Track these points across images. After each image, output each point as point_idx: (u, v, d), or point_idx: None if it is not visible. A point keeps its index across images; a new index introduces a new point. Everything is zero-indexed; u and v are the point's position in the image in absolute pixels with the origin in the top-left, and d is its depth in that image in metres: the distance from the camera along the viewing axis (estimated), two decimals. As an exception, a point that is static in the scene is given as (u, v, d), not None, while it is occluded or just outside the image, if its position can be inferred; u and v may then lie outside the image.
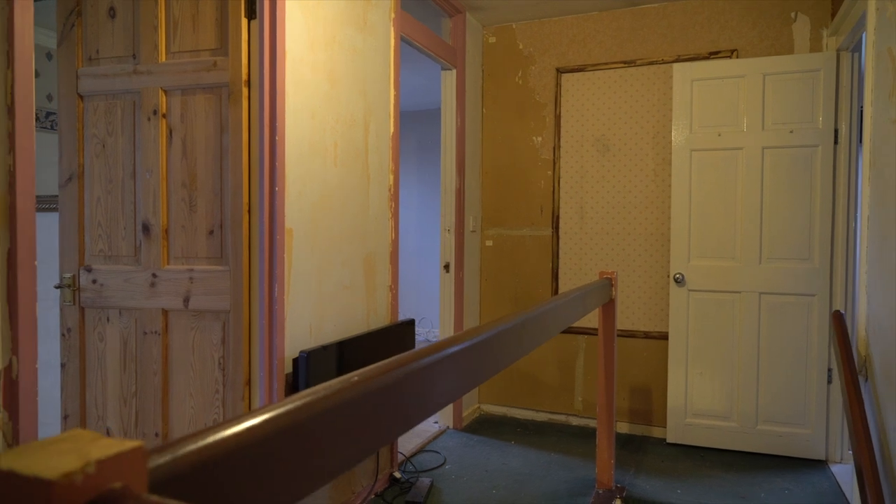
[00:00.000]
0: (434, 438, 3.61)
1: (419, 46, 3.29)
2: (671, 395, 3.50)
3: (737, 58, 3.46)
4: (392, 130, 2.96)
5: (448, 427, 3.80)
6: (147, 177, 2.24)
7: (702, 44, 3.56)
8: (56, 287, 2.33)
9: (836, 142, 3.22)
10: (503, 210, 4.06)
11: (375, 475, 2.84)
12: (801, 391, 3.27)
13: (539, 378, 3.99)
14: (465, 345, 1.08)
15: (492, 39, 4.06)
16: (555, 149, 3.91)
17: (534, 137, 3.97)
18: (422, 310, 6.66)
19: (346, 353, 2.42)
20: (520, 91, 4.00)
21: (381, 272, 2.90)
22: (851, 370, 2.10)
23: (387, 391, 0.78)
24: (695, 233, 3.45)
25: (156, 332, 2.24)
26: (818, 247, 3.23)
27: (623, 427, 3.76)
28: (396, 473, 2.98)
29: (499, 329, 1.25)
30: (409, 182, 6.67)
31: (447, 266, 3.75)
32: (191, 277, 2.20)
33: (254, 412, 0.58)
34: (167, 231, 2.24)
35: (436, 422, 3.82)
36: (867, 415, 2.09)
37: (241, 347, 2.15)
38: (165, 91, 2.23)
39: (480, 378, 1.16)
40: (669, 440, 3.51)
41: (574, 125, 3.86)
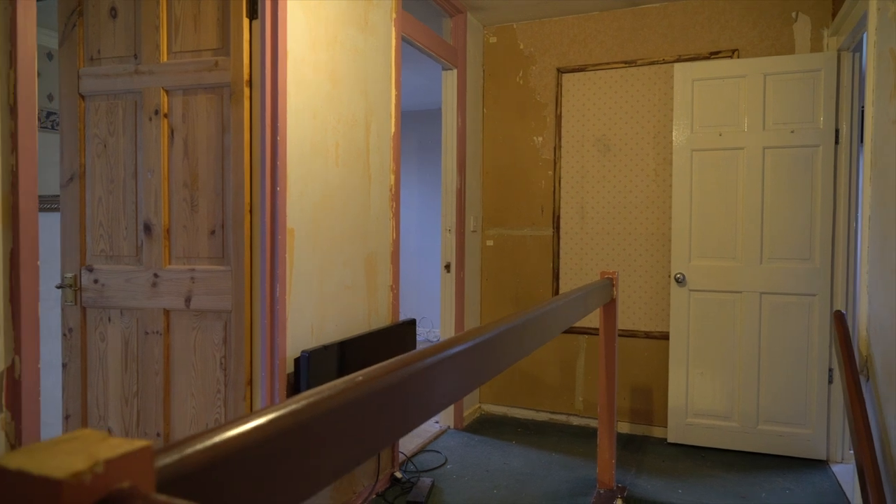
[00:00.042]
0: (435, 438, 3.61)
1: (420, 46, 3.29)
2: (672, 395, 3.50)
3: (737, 58, 3.46)
4: (393, 130, 2.96)
5: (449, 427, 3.80)
6: (149, 177, 2.24)
7: (702, 44, 3.56)
8: (57, 287, 2.33)
9: (837, 142, 3.22)
10: (504, 210, 4.06)
11: (376, 475, 2.84)
12: (802, 391, 3.27)
13: (540, 378, 3.99)
14: (468, 345, 1.09)
15: (493, 39, 4.06)
16: (555, 149, 3.91)
17: (534, 137, 3.97)
18: (422, 310, 6.66)
19: (348, 353, 2.42)
20: (520, 91, 4.00)
21: (383, 272, 2.90)
22: (853, 370, 2.11)
23: (390, 391, 0.78)
24: (696, 233, 3.45)
25: (157, 332, 2.24)
26: (819, 247, 3.23)
27: (624, 427, 3.76)
28: (397, 473, 2.98)
29: (501, 329, 1.25)
30: (410, 182, 6.67)
31: (448, 266, 3.75)
32: (192, 277, 2.20)
33: (259, 412, 0.58)
34: (169, 231, 2.24)
35: (437, 422, 3.82)
36: (868, 414, 2.09)
37: (243, 347, 2.15)
38: (167, 91, 2.23)
39: (482, 378, 1.16)
40: (670, 440, 3.51)
41: (575, 125, 3.86)
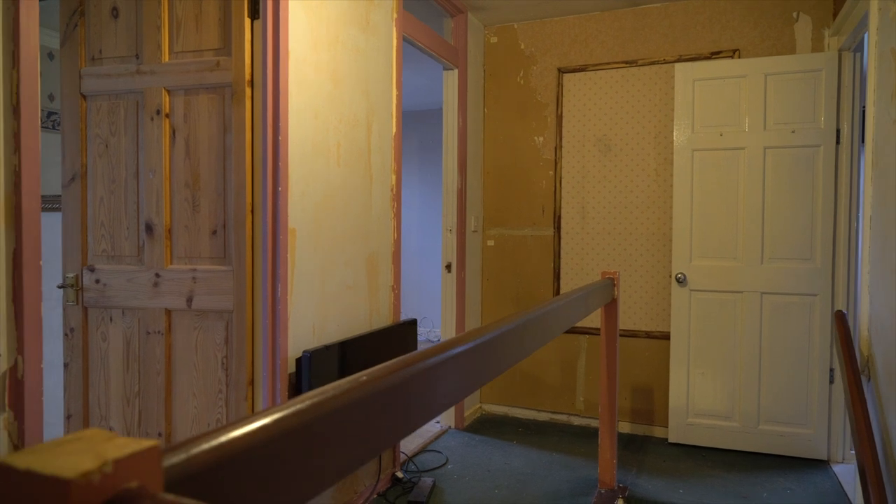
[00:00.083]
0: (436, 438, 3.61)
1: (421, 46, 3.29)
2: (673, 395, 3.50)
3: (738, 58, 3.46)
4: (394, 130, 2.96)
5: (450, 427, 3.80)
6: (150, 177, 2.24)
7: (703, 44, 3.56)
8: (59, 287, 2.33)
9: (838, 142, 3.22)
10: (505, 210, 4.06)
11: (378, 475, 2.84)
12: (803, 391, 3.28)
13: (541, 378, 3.99)
14: (470, 345, 1.09)
15: (493, 39, 4.06)
16: (556, 149, 3.91)
17: (535, 137, 3.97)
18: (423, 310, 6.67)
19: (349, 353, 2.42)
20: (521, 91, 4.00)
21: (384, 272, 2.91)
22: (854, 370, 2.11)
23: (394, 391, 0.79)
24: (696, 233, 3.45)
25: (159, 332, 2.24)
26: (820, 247, 3.23)
27: (625, 427, 3.76)
28: (399, 473, 2.98)
29: (502, 329, 1.25)
30: (411, 182, 6.67)
31: (449, 266, 3.76)
32: (194, 277, 2.20)
33: (265, 412, 0.58)
34: (170, 231, 2.24)
35: (437, 421, 3.82)
36: (870, 414, 2.09)
37: (245, 347, 2.15)
38: (168, 91, 2.23)
39: (485, 378, 1.16)
40: (671, 440, 3.51)
41: (576, 125, 3.86)
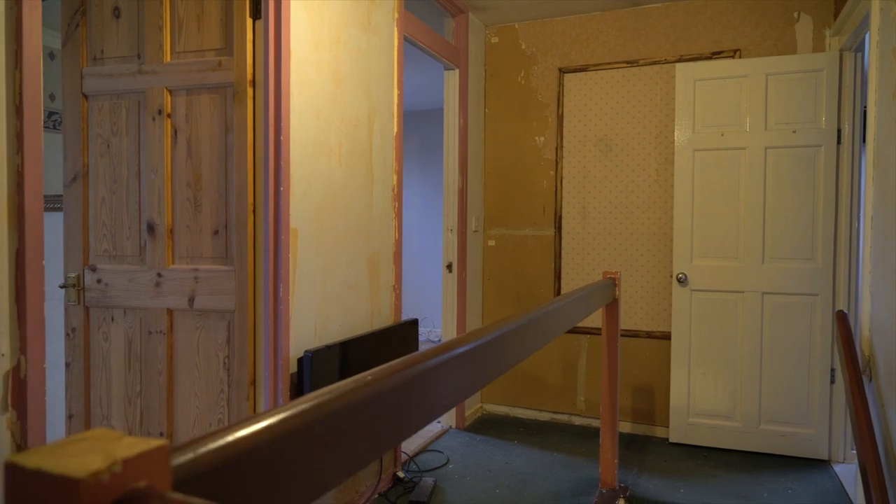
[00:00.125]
0: (437, 438, 3.61)
1: (422, 46, 3.29)
2: (674, 395, 3.51)
3: (739, 58, 3.46)
4: (396, 130, 2.96)
5: (451, 427, 3.80)
6: (152, 177, 2.24)
7: (704, 44, 3.56)
8: (61, 287, 2.33)
9: (840, 142, 3.22)
10: (506, 210, 4.06)
11: (379, 475, 2.84)
12: (804, 391, 3.28)
13: (541, 378, 3.99)
14: (473, 345, 1.09)
15: (494, 39, 4.06)
16: (557, 149, 3.91)
17: (536, 137, 3.97)
18: (423, 309, 6.67)
19: (351, 353, 2.42)
20: (522, 91, 4.00)
21: (385, 272, 2.91)
22: (855, 369, 2.11)
23: (398, 391, 0.79)
24: (697, 233, 3.45)
25: (161, 332, 2.24)
26: (821, 247, 3.23)
27: (626, 427, 3.76)
28: (400, 473, 2.98)
29: (505, 329, 1.25)
30: (412, 182, 6.67)
31: (450, 266, 3.76)
32: (196, 277, 2.20)
33: (271, 411, 0.58)
34: (172, 231, 2.24)
35: (438, 421, 3.82)
36: (871, 414, 2.09)
37: (246, 347, 2.16)
38: (170, 91, 2.23)
39: (487, 378, 1.16)
40: (672, 440, 3.51)
41: (577, 125, 3.86)
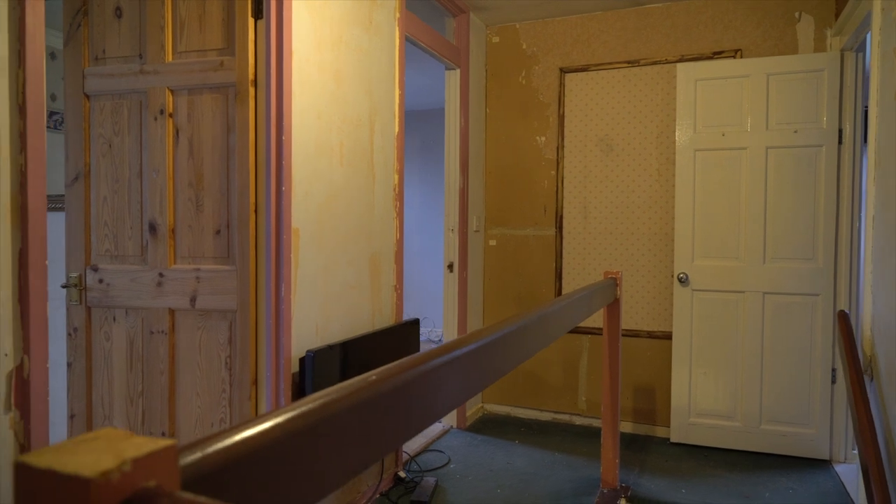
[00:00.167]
0: (438, 438, 3.61)
1: (423, 46, 3.29)
2: (675, 395, 3.51)
3: (741, 57, 3.46)
4: (397, 130, 2.96)
5: (452, 427, 3.80)
6: (154, 176, 2.24)
7: (706, 43, 3.56)
8: (62, 286, 2.33)
9: (841, 142, 3.22)
10: (506, 210, 4.06)
11: (380, 474, 2.85)
12: (805, 391, 3.28)
13: (542, 378, 3.99)
14: (476, 345, 1.09)
15: (495, 39, 4.06)
16: (558, 148, 3.91)
17: (537, 137, 3.97)
18: (423, 309, 6.67)
19: (352, 353, 2.42)
20: (523, 91, 4.00)
21: (387, 272, 2.91)
22: (857, 369, 2.11)
23: (404, 391, 0.79)
24: (699, 233, 3.45)
25: (162, 332, 2.24)
26: (822, 247, 3.23)
27: (627, 427, 3.76)
28: (401, 473, 2.98)
29: (508, 329, 1.25)
30: (412, 182, 6.67)
31: (451, 266, 3.76)
32: (197, 277, 2.20)
33: (278, 411, 0.58)
34: (174, 231, 2.24)
35: (440, 421, 3.82)
36: (873, 414, 2.09)
37: (248, 347, 2.16)
38: (172, 91, 2.23)
39: (490, 378, 1.16)
40: (673, 440, 3.51)
41: (578, 125, 3.86)
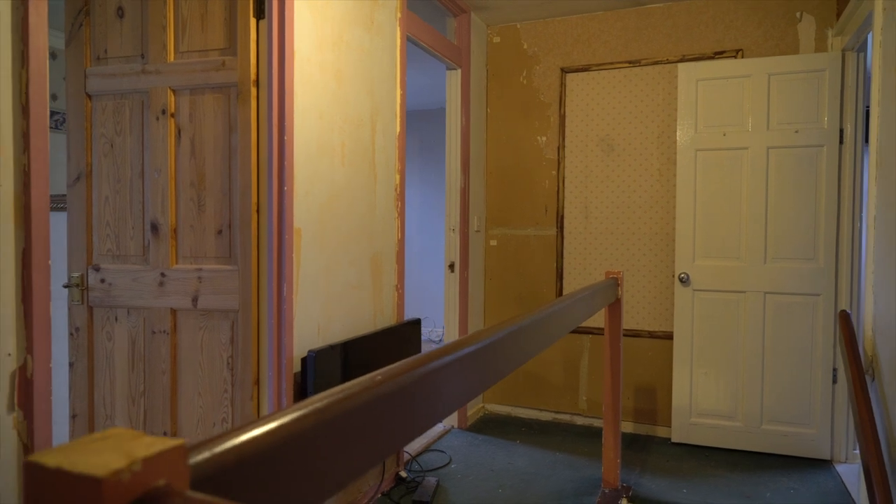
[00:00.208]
0: (439, 438, 3.61)
1: (424, 46, 3.29)
2: (676, 395, 3.51)
3: (742, 58, 3.46)
4: (398, 130, 2.97)
5: (453, 426, 3.80)
6: (155, 176, 2.24)
7: (707, 43, 3.56)
8: (64, 286, 2.33)
9: (842, 142, 3.22)
10: (507, 210, 4.06)
11: (382, 474, 2.85)
12: (806, 391, 3.28)
13: (543, 377, 3.99)
14: (481, 345, 1.09)
15: (496, 39, 4.06)
16: (559, 148, 3.91)
17: (538, 137, 3.97)
18: (424, 309, 6.67)
19: (354, 353, 2.42)
20: (524, 91, 4.00)
21: (388, 272, 2.91)
22: (858, 370, 2.11)
23: (410, 391, 0.79)
24: (700, 233, 3.45)
25: (164, 332, 2.24)
26: (823, 247, 3.23)
27: (628, 427, 3.76)
28: (402, 473, 2.98)
29: (512, 329, 1.25)
30: (413, 182, 6.67)
31: (452, 266, 3.76)
32: (199, 277, 2.21)
33: (286, 410, 0.58)
34: (175, 230, 2.24)
35: (440, 421, 3.82)
36: (874, 414, 2.10)
37: (250, 347, 2.16)
38: (174, 91, 2.23)
39: (494, 378, 1.17)
40: (674, 440, 3.51)
41: (579, 125, 3.86)
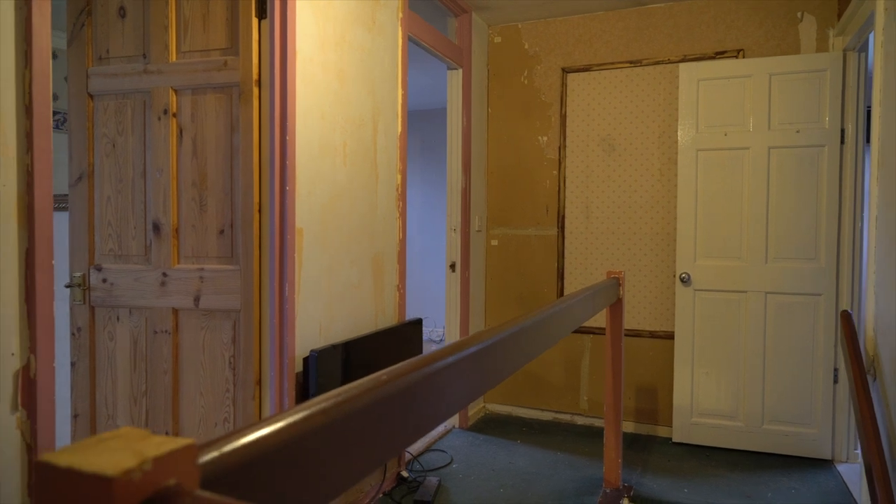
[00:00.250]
0: (440, 438, 3.61)
1: (426, 46, 3.29)
2: (677, 395, 3.51)
3: (743, 58, 3.46)
4: (400, 130, 2.97)
5: (454, 426, 3.80)
6: (157, 176, 2.24)
7: (708, 43, 3.56)
8: (66, 286, 2.33)
9: (843, 142, 3.22)
10: (509, 210, 4.07)
11: (383, 474, 2.85)
12: (808, 391, 3.28)
13: (544, 377, 3.99)
14: (483, 345, 1.09)
15: (497, 39, 4.06)
16: (560, 148, 3.91)
17: (539, 137, 3.97)
18: (424, 309, 6.67)
19: (356, 353, 2.42)
20: (525, 91, 4.00)
21: (389, 272, 2.91)
22: (860, 369, 2.11)
23: (416, 390, 0.79)
24: (701, 232, 3.45)
25: (166, 332, 2.24)
26: (824, 246, 3.24)
27: (629, 426, 3.76)
28: (404, 472, 2.99)
29: (514, 330, 1.25)
30: (413, 182, 6.67)
31: (453, 265, 3.76)
32: (201, 277, 2.21)
33: (295, 409, 0.58)
34: (177, 230, 2.24)
35: (441, 421, 3.82)
36: (876, 414, 2.10)
37: (252, 346, 2.16)
38: (176, 90, 2.23)
39: (498, 378, 1.17)
40: (675, 440, 3.51)
41: (580, 125, 3.86)
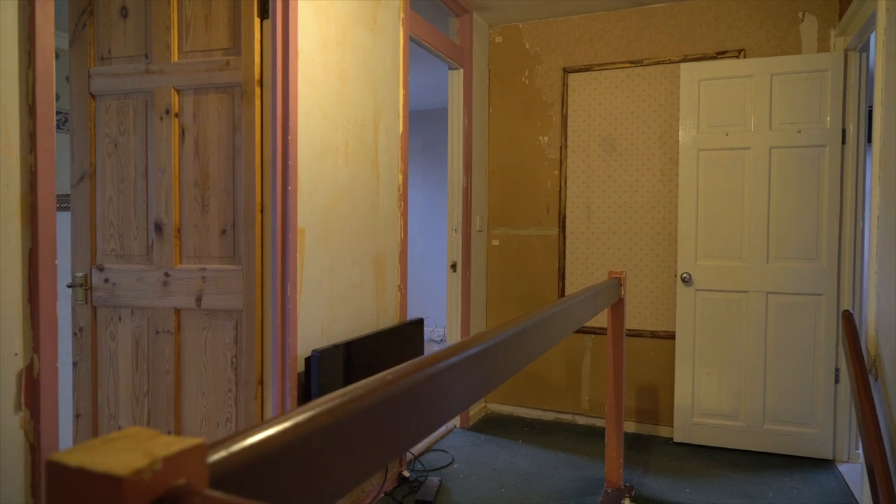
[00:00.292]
0: (442, 438, 3.61)
1: (427, 46, 3.30)
2: (678, 395, 3.51)
3: (744, 57, 3.46)
4: (401, 130, 2.97)
5: (455, 426, 3.80)
6: (159, 176, 2.24)
7: (709, 43, 3.56)
8: (68, 286, 2.33)
9: (844, 142, 3.22)
10: (510, 210, 4.07)
11: (385, 474, 2.85)
12: (809, 391, 3.28)
13: (545, 377, 3.99)
14: (485, 346, 1.09)
15: (498, 39, 4.06)
16: (561, 148, 3.91)
17: (540, 137, 3.97)
18: (425, 309, 6.67)
19: (357, 353, 2.43)
20: (526, 91, 4.00)
21: (391, 272, 2.91)
22: (861, 369, 2.11)
23: (420, 389, 0.79)
24: (702, 232, 3.45)
25: (168, 332, 2.24)
26: (826, 246, 3.24)
27: (630, 426, 3.76)
28: (405, 472, 2.99)
29: (516, 330, 1.25)
30: (414, 182, 6.67)
31: (454, 265, 3.76)
32: (203, 277, 2.21)
33: (302, 408, 0.58)
34: (179, 230, 2.24)
35: (442, 421, 3.82)
36: (877, 413, 2.10)
37: (254, 346, 2.16)
38: (178, 90, 2.23)
39: (499, 380, 1.17)
40: (676, 439, 3.51)
41: (581, 125, 3.86)
